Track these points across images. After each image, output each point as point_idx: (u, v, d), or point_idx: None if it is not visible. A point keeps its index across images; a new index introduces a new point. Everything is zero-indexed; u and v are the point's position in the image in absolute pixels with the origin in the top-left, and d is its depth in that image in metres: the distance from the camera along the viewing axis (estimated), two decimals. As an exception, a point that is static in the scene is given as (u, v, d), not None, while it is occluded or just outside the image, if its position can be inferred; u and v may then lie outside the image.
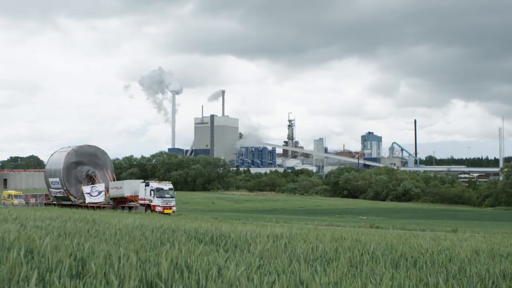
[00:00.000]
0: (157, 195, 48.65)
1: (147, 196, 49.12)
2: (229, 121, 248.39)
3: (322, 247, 13.62)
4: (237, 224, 28.56)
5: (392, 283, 8.59)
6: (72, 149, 59.97)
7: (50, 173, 60.91)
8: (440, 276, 9.51)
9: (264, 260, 10.79)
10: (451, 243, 18.12)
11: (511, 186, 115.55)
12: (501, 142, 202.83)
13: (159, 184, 50.34)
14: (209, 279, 7.98)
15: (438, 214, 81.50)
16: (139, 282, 7.76)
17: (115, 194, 53.97)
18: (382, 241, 16.82)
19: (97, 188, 55.79)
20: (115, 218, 26.70)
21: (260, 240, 14.85)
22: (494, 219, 70.41)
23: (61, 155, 60.13)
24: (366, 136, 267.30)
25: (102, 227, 17.95)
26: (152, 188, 49.00)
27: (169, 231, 17.31)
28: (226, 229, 19.56)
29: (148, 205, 48.83)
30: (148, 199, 48.93)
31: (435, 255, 13.05)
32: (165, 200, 48.80)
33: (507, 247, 16.93)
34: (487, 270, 10.60)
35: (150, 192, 48.81)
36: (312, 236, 17.72)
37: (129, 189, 52.68)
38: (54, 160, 61.22)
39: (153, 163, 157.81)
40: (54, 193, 60.33)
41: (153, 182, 50.83)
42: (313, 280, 8.15)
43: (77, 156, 59.56)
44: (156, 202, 48.43)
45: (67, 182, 57.81)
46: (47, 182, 61.55)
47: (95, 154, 61.24)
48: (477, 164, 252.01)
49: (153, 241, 13.98)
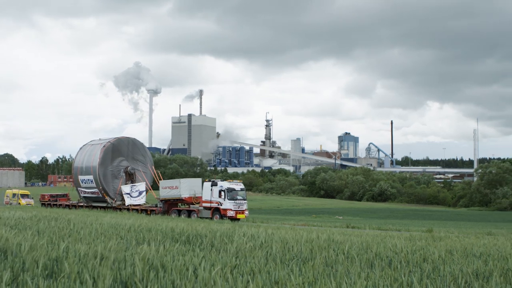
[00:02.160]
0: (229, 197, 40.91)
1: (214, 197, 41.33)
2: (207, 121, 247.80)
3: (298, 247, 13.67)
4: (214, 224, 28.51)
5: (367, 283, 8.65)
6: (109, 142, 51.22)
7: (80, 170, 52.26)
8: (414, 276, 9.60)
9: (240, 260, 10.79)
10: (426, 243, 18.29)
11: (485, 186, 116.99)
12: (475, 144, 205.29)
13: (231, 184, 42.60)
14: (184, 279, 7.96)
15: (413, 214, 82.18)
16: (114, 282, 7.71)
17: (168, 195, 45.54)
18: (357, 241, 16.92)
19: (138, 187, 48.39)
20: (90, 217, 26.50)
21: (237, 239, 14.85)
22: (468, 219, 71.22)
23: (96, 148, 51.74)
24: (343, 137, 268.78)
25: (77, 226, 17.79)
26: (222, 188, 41.22)
27: (145, 231, 17.22)
28: (202, 229, 19.52)
29: (216, 208, 41.22)
30: (216, 202, 41.15)
31: (409, 255, 13.16)
32: (237, 203, 41.28)
33: (480, 247, 17.14)
34: (460, 269, 10.73)
35: (219, 193, 41.06)
36: (289, 236, 17.76)
37: (188, 189, 44.86)
38: (85, 155, 52.60)
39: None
40: (84, 193, 52.15)
41: (223, 181, 43.62)
42: (288, 280, 8.18)
43: (115, 149, 50.86)
44: (228, 205, 40.73)
45: (103, 180, 49.45)
46: (76, 180, 53.06)
47: (134, 147, 52.65)
48: (452, 165, 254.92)
49: (129, 240, 13.90)
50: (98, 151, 50.26)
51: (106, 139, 53.12)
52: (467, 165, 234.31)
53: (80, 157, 53.50)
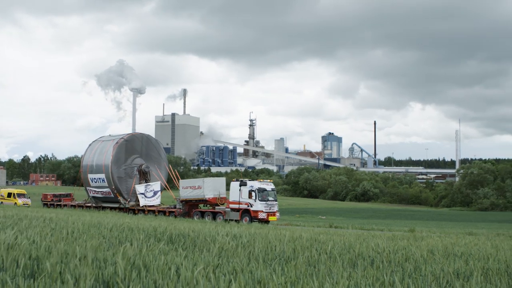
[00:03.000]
0: (260, 198, 38.05)
1: (243, 198, 38.46)
2: (190, 120, 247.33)
3: (280, 246, 13.68)
4: (196, 223, 28.47)
5: (349, 282, 8.68)
6: (122, 138, 47.73)
7: (90, 168, 48.86)
8: (396, 275, 9.65)
9: (222, 259, 10.78)
10: (408, 242, 18.40)
11: (467, 187, 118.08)
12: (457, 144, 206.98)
13: (261, 183, 39.72)
14: (166, 279, 7.94)
15: (396, 214, 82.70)
16: (95, 281, 7.67)
17: (189, 195, 42.07)
18: (340, 241, 16.98)
19: (153, 187, 45.33)
20: (73, 216, 26.33)
21: (219, 239, 14.84)
22: (450, 219, 71.82)
23: (107, 145, 48.30)
24: (326, 137, 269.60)
25: (59, 225, 17.66)
26: (253, 188, 38.36)
27: (128, 230, 17.14)
28: (185, 228, 19.47)
29: (246, 210, 38.32)
30: (246, 203, 38.26)
31: (391, 255, 13.23)
32: (269, 204, 38.52)
33: (461, 247, 17.28)
34: (441, 269, 10.81)
35: (248, 194, 38.25)
36: (271, 235, 17.77)
37: (212, 189, 41.54)
38: (96, 152, 49.10)
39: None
40: (94, 193, 48.63)
41: (253, 181, 40.78)
42: (270, 280, 8.18)
43: (128, 146, 47.54)
44: (259, 207, 37.89)
45: (116, 179, 46.03)
46: (86, 179, 49.43)
47: (149, 144, 49.37)
48: (434, 166, 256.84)
49: (111, 240, 13.83)
50: (110, 148, 47.13)
51: (118, 135, 50.15)
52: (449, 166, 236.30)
53: (89, 154, 50.12)
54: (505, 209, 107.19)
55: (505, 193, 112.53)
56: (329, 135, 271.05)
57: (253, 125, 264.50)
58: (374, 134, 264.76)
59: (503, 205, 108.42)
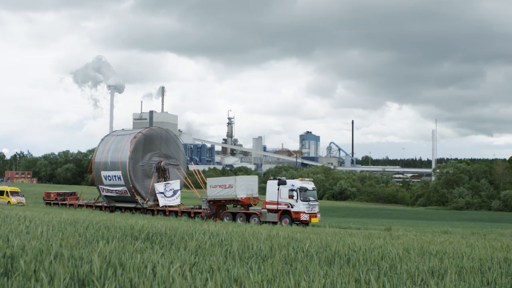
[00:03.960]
0: (301, 198, 35.40)
1: (282, 199, 35.77)
2: (168, 118, 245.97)
3: (257, 244, 13.70)
4: (174, 221, 28.38)
5: (325, 280, 8.72)
6: (141, 133, 44.30)
7: (104, 165, 44.95)
8: (372, 273, 9.72)
9: (199, 258, 10.76)
10: (384, 241, 18.55)
11: (442, 186, 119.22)
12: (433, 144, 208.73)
13: (302, 182, 36.94)
14: (142, 277, 7.90)
15: (372, 213, 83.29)
16: (70, 279, 7.60)
17: (218, 195, 39.09)
18: (317, 239, 17.06)
19: (172, 186, 42.08)
20: (49, 214, 26.07)
21: (196, 237, 14.81)
22: (426, 218, 72.50)
23: (124, 140, 44.55)
24: (304, 136, 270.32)
25: (34, 223, 17.48)
26: (294, 187, 35.65)
27: (104, 228, 17.02)
28: (162, 226, 19.39)
29: (285, 211, 35.61)
30: (285, 203, 35.58)
31: (368, 253, 13.33)
32: (311, 205, 35.84)
33: (436, 245, 17.47)
34: (416, 267, 10.91)
35: (289, 194, 35.60)
36: (248, 234, 17.78)
37: (245, 189, 38.56)
38: (110, 148, 45.29)
39: (90, 158, 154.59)
40: (107, 192, 44.90)
41: (293, 180, 38.29)
42: (247, 278, 8.19)
43: (147, 141, 43.99)
44: (301, 208, 35.12)
45: (133, 177, 42.58)
46: (98, 176, 45.55)
47: (168, 139, 46.03)
48: (411, 165, 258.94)
49: (87, 238, 13.72)
50: (127, 143, 43.52)
51: (134, 130, 47.11)
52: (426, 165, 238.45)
53: (102, 150, 46.15)
54: (480, 208, 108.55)
55: (480, 193, 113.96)
56: (307, 134, 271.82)
57: (231, 123, 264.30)
58: (351, 133, 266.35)
59: (477, 204, 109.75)
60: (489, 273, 10.78)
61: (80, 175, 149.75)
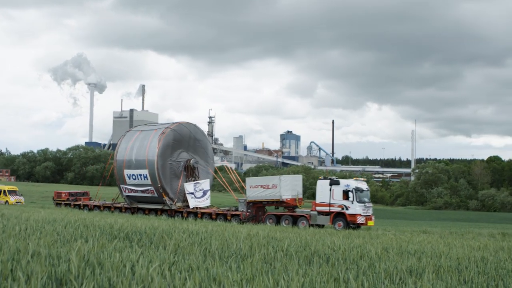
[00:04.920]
0: (358, 199, 33.14)
1: (335, 200, 33.48)
2: (149, 116, 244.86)
3: (237, 244, 13.70)
4: (154, 220, 28.25)
5: (304, 279, 8.75)
6: (168, 128, 40.81)
7: (128, 163, 41.49)
8: (351, 272, 9.77)
9: (178, 257, 10.73)
10: (363, 240, 18.66)
11: (421, 186, 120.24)
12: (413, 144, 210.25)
13: (357, 182, 34.52)
14: (121, 276, 7.86)
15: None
16: (48, 279, 7.54)
17: (260, 196, 36.13)
18: (296, 238, 17.10)
19: (202, 185, 39.15)
20: (26, 213, 25.82)
21: (176, 236, 14.77)
22: (405, 218, 73.08)
23: (150, 136, 41.19)
24: (285, 135, 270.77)
25: (12, 222, 17.30)
26: (349, 188, 33.34)
27: (83, 227, 16.91)
28: (141, 225, 19.31)
29: (339, 213, 33.28)
30: (339, 205, 33.26)
31: (347, 252, 13.40)
32: (366, 207, 33.61)
33: (415, 245, 17.62)
34: (395, 266, 11.00)
35: (343, 195, 33.29)
36: (228, 233, 17.78)
37: (290, 189, 35.86)
38: (135, 144, 41.68)
39: (69, 156, 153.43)
40: (130, 192, 41.48)
41: (347, 180, 35.98)
42: (226, 277, 8.18)
43: (176, 138, 40.66)
44: (357, 210, 32.81)
45: (162, 176, 39.28)
46: (120, 175, 42.08)
47: (197, 135, 42.48)
48: (391, 165, 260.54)
49: (65, 236, 13.61)
50: (155, 139, 40.11)
51: (160, 125, 43.81)
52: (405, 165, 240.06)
53: (125, 147, 42.58)
54: (458, 208, 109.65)
55: (458, 192, 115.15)
56: (287, 133, 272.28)
57: (212, 122, 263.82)
58: (332, 133, 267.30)
59: (456, 204, 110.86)
60: (466, 272, 10.90)
61: (60, 173, 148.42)
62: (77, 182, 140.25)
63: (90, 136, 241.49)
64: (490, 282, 9.86)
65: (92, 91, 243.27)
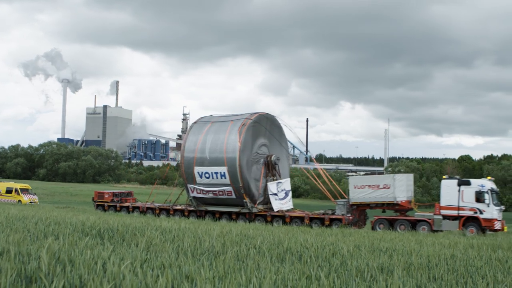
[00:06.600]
0: (494, 202, 29.96)
1: (465, 202, 29.98)
2: (123, 113, 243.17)
3: (210, 241, 13.69)
4: (126, 217, 28.07)
5: (277, 277, 8.78)
6: (249, 119, 35.34)
7: (199, 159, 36.02)
8: (323, 270, 9.84)
9: (151, 254, 10.69)
10: (336, 238, 18.78)
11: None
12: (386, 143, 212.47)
13: (492, 183, 30.92)
14: (92, 273, 7.80)
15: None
16: (17, 276, 7.45)
17: (368, 197, 32.65)
18: (269, 236, 17.14)
19: (284, 185, 35.00)
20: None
21: (148, 233, 14.70)
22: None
23: (227, 128, 35.70)
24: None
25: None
26: (484, 189, 29.85)
27: (54, 224, 16.72)
28: (114, 222, 19.17)
29: (471, 218, 29.93)
30: (470, 208, 29.74)
31: (319, 250, 13.47)
32: (500, 210, 30.47)
33: (386, 242, 17.79)
34: (366, 264, 11.09)
35: (476, 197, 29.85)
36: (201, 230, 17.75)
37: (405, 190, 32.06)
38: (208, 138, 36.24)
39: (41, 153, 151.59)
40: (200, 193, 36.17)
41: (479, 180, 31.92)
42: (198, 274, 8.18)
43: (255, 130, 35.62)
44: (494, 214, 29.65)
45: (246, 174, 34.42)
46: (189, 174, 36.46)
47: (274, 128, 37.44)
48: (364, 163, 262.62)
49: (36, 234, 13.46)
50: (234, 131, 34.92)
51: (236, 115, 37.36)
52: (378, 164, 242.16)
53: (194, 141, 36.90)
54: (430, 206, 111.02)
55: (430, 191, 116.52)
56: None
57: (186, 119, 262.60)
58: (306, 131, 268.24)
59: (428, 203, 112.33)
60: (436, 269, 11.04)
61: (31, 169, 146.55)
62: (49, 179, 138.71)
63: (62, 132, 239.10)
64: (459, 280, 10.00)
65: (65, 87, 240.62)
